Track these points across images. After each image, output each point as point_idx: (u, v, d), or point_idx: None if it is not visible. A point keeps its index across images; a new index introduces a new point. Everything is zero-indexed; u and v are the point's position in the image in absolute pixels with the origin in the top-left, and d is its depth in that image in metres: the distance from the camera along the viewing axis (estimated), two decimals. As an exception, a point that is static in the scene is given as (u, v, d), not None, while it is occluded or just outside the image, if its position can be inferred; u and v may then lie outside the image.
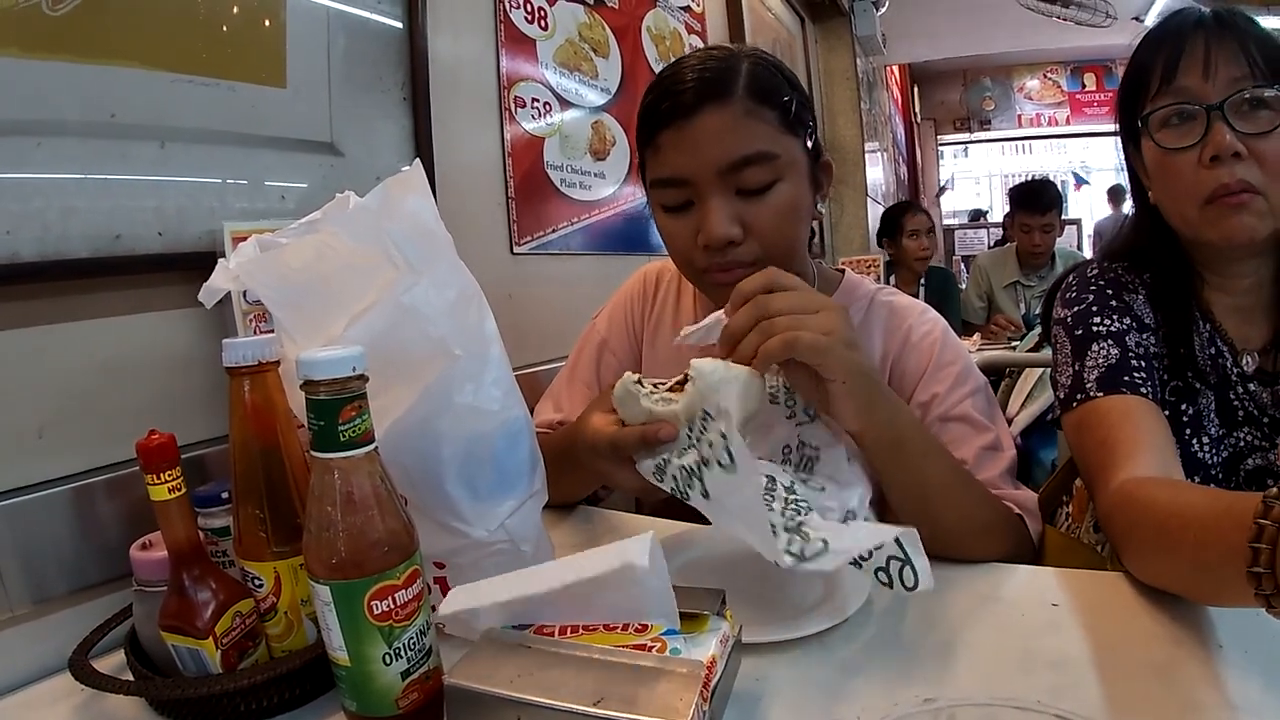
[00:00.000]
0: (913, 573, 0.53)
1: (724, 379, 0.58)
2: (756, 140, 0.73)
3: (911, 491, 0.69)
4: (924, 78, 8.27)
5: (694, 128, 0.73)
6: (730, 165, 0.73)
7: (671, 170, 0.76)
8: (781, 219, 0.76)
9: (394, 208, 0.55)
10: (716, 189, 0.74)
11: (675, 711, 0.41)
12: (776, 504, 0.58)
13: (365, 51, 1.02)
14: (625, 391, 0.62)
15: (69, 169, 0.70)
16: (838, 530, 0.54)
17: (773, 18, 3.03)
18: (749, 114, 0.73)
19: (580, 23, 1.57)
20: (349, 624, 0.46)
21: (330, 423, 0.44)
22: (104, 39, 0.72)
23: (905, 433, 0.67)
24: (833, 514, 0.59)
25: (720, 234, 0.73)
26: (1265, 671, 0.50)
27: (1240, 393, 0.78)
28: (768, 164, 0.74)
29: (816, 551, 0.52)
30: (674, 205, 0.78)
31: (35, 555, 0.65)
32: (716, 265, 0.76)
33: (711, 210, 0.74)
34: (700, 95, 0.73)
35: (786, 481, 0.60)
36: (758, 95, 0.74)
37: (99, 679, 0.54)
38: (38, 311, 0.68)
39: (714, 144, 0.73)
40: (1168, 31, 0.75)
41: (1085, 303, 0.82)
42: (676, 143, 0.75)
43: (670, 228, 0.80)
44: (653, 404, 0.60)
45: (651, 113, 0.77)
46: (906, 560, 0.53)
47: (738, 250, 0.75)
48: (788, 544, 0.53)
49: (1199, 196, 0.73)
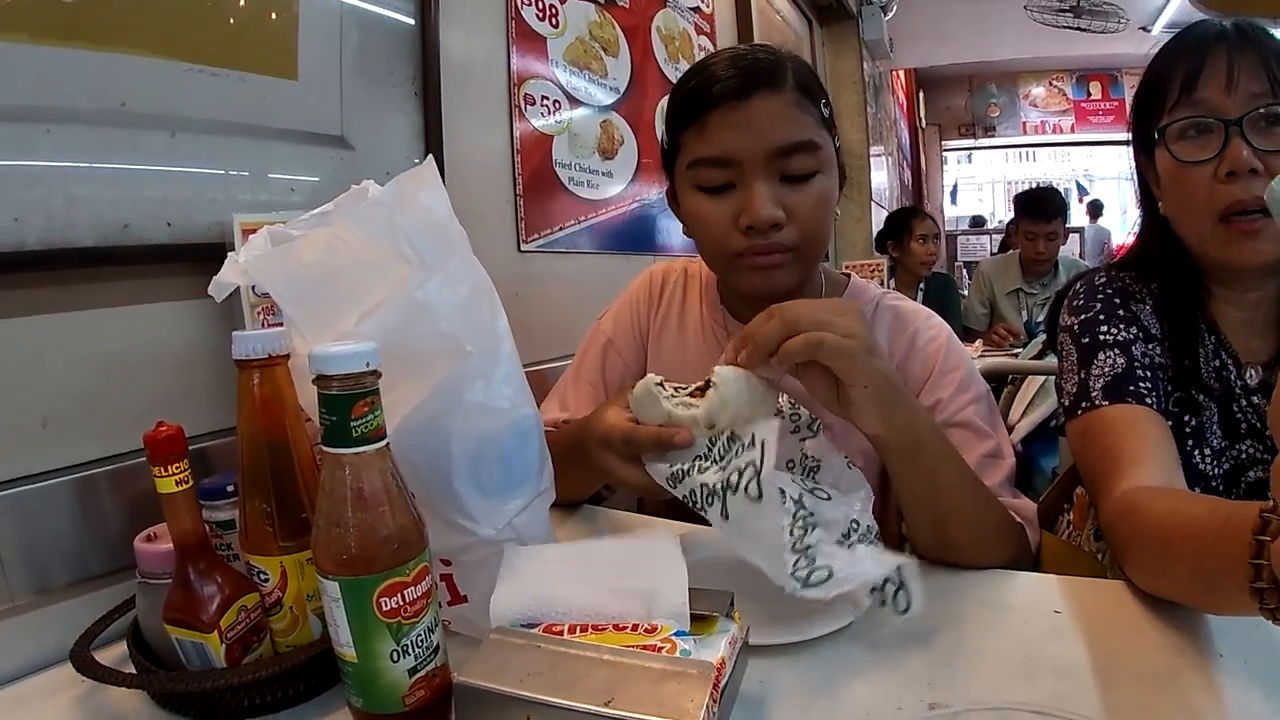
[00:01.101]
0: (906, 597, 0.54)
1: (745, 387, 0.60)
2: (806, 129, 0.76)
3: (925, 495, 0.68)
4: (930, 83, 8.28)
5: (748, 109, 0.75)
6: (782, 149, 0.75)
7: (721, 149, 0.77)
8: (819, 208, 0.78)
9: (407, 203, 0.55)
10: (763, 171, 0.76)
11: (686, 712, 0.41)
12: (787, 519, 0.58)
13: (377, 46, 1.02)
14: (646, 392, 0.62)
15: (78, 157, 0.70)
16: (845, 559, 0.55)
17: (781, 20, 3.03)
18: (799, 105, 0.76)
19: (591, 21, 1.56)
20: (357, 620, 0.46)
21: (342, 418, 0.44)
22: (116, 27, 0.71)
23: (924, 437, 0.66)
24: (837, 527, 0.60)
25: (767, 214, 0.75)
26: (1266, 681, 0.50)
27: (1244, 405, 0.78)
28: (812, 154, 0.77)
29: (821, 580, 0.53)
30: (714, 186, 0.79)
31: (37, 545, 0.64)
32: (757, 247, 0.78)
33: (758, 192, 0.76)
34: (756, 80, 0.75)
35: (795, 495, 0.60)
36: (805, 90, 0.77)
37: (101, 671, 0.54)
38: (44, 300, 0.68)
39: (768, 126, 0.75)
40: (1188, 42, 0.75)
41: (1093, 311, 0.82)
42: (729, 122, 0.76)
43: (706, 209, 0.80)
44: (673, 407, 0.61)
45: (700, 92, 0.78)
46: (902, 585, 0.54)
47: (779, 234, 0.77)
48: (793, 566, 0.54)
49: (1213, 211, 0.73)
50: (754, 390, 0.61)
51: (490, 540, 0.57)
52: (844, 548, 0.57)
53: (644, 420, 0.63)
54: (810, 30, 3.59)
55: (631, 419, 0.64)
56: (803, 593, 0.52)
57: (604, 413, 0.68)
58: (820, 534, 0.57)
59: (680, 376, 0.85)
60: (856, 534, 0.60)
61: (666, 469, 0.60)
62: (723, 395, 0.59)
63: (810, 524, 0.58)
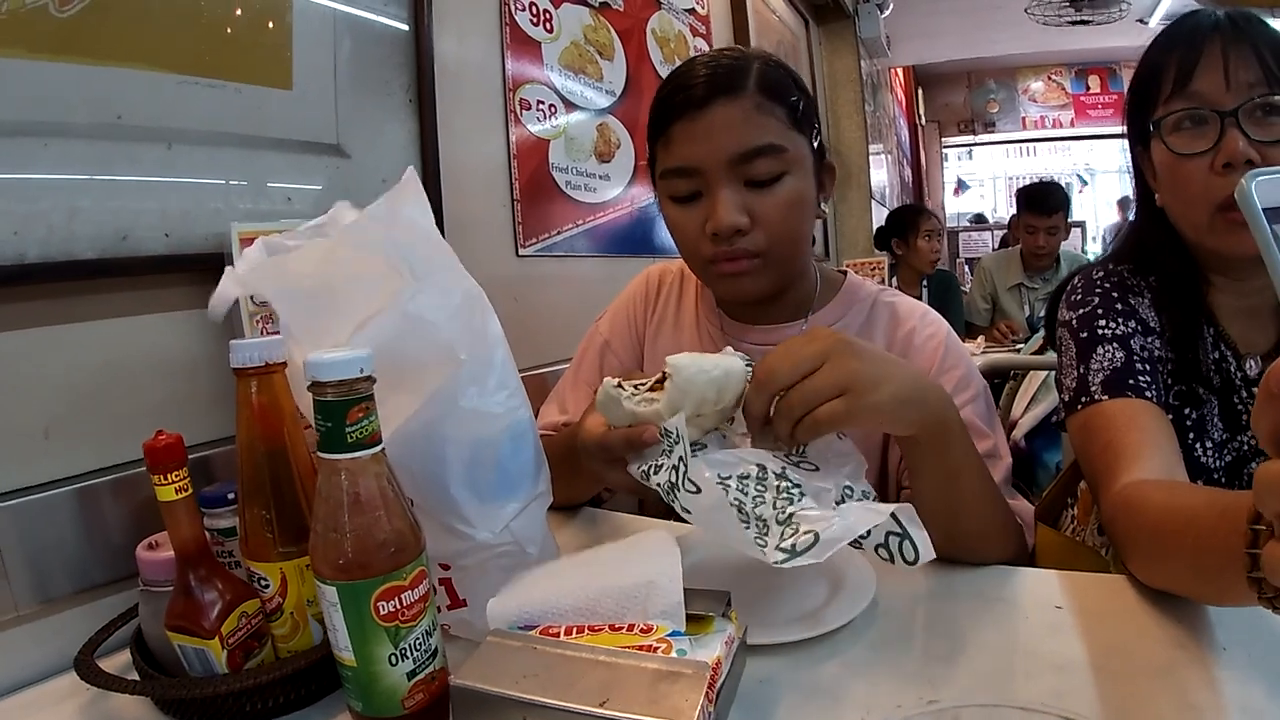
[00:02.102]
0: (912, 547, 0.53)
1: (702, 368, 0.58)
2: (766, 133, 0.76)
3: (944, 485, 0.67)
4: (928, 80, 8.26)
5: (706, 119, 0.75)
6: (740, 155, 0.75)
7: (682, 160, 0.78)
8: (787, 211, 0.78)
9: (395, 217, 0.55)
10: (726, 179, 0.76)
11: (681, 713, 0.41)
12: (769, 493, 0.57)
13: (371, 54, 1.02)
14: (607, 396, 0.61)
15: (76, 170, 0.70)
16: (828, 518, 0.53)
17: (777, 20, 3.03)
18: (759, 108, 0.76)
19: (585, 25, 1.57)
20: (355, 624, 0.46)
21: (338, 424, 0.45)
22: (111, 40, 0.72)
23: (951, 430, 0.65)
24: (828, 494, 0.58)
25: (729, 221, 0.75)
26: (1269, 675, 0.50)
27: (1244, 397, 0.78)
28: (776, 157, 0.76)
29: (807, 545, 0.51)
30: (683, 195, 0.80)
31: (41, 555, 0.65)
32: (723, 254, 0.78)
33: (720, 199, 0.76)
34: (713, 89, 0.75)
35: (778, 468, 0.59)
36: (768, 92, 0.76)
37: (105, 678, 0.54)
38: (44, 312, 0.68)
39: (725, 134, 0.75)
40: (1182, 33, 0.74)
41: (1091, 305, 0.81)
42: (689, 133, 0.77)
43: (678, 218, 0.81)
44: (635, 405, 0.60)
45: (664, 105, 0.79)
46: (905, 534, 0.53)
47: (744, 240, 0.77)
48: (780, 539, 0.53)
49: (1210, 203, 0.72)
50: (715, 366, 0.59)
51: (488, 544, 0.57)
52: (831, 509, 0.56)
53: (614, 424, 0.62)
54: (807, 29, 3.59)
55: (606, 424, 0.64)
56: (794, 562, 0.51)
57: (585, 420, 0.68)
58: (808, 502, 0.56)
59: None
60: (852, 499, 0.59)
61: (640, 468, 0.59)
62: (679, 385, 0.57)
63: (794, 494, 0.57)
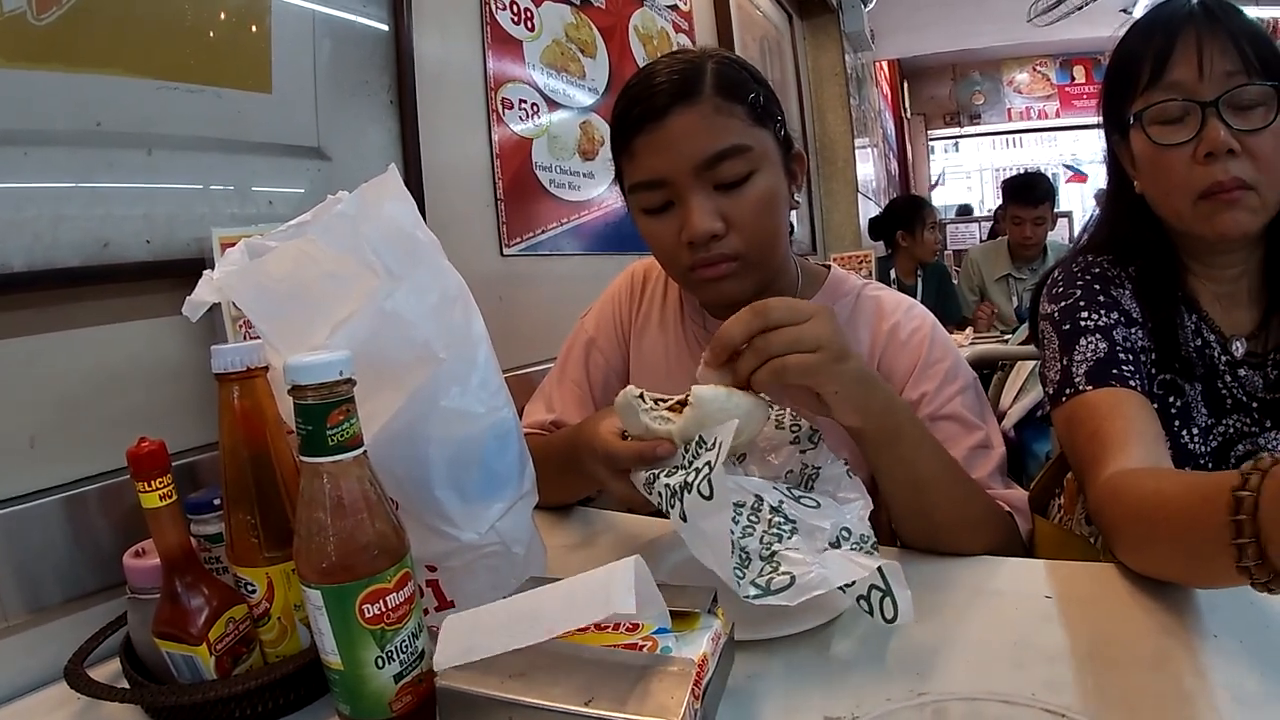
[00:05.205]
0: (893, 604, 0.54)
1: (724, 408, 0.59)
2: (729, 135, 0.75)
3: (906, 484, 0.69)
4: (913, 73, 8.28)
5: (667, 129, 0.75)
6: (706, 161, 0.75)
7: (649, 173, 0.77)
8: (760, 210, 0.77)
9: (370, 212, 0.55)
10: (695, 186, 0.75)
11: (667, 710, 0.41)
12: (759, 526, 0.59)
13: (351, 55, 1.02)
14: (625, 403, 0.62)
15: (57, 178, 0.70)
16: (808, 565, 0.55)
17: (760, 15, 3.03)
18: (719, 110, 0.75)
19: (567, 23, 1.57)
20: (341, 628, 0.46)
21: (318, 427, 0.45)
22: (89, 48, 0.72)
23: (902, 426, 0.67)
24: (823, 534, 0.59)
25: (704, 228, 0.75)
26: (1259, 661, 0.50)
27: (1228, 380, 0.79)
28: (742, 156, 0.75)
29: (781, 586, 0.53)
30: (655, 207, 0.79)
31: (29, 565, 0.65)
32: (701, 260, 0.77)
33: (693, 207, 0.75)
34: (670, 97, 0.75)
35: (774, 501, 0.61)
36: (725, 92, 0.75)
37: (95, 687, 0.54)
38: (27, 321, 0.68)
39: (688, 142, 0.75)
40: (1157, 22, 0.75)
41: (1073, 297, 0.82)
42: (651, 146, 0.76)
43: (653, 230, 0.81)
44: (650, 420, 0.61)
45: (624, 120, 0.78)
46: (887, 591, 0.54)
47: (721, 244, 0.77)
48: (757, 574, 0.55)
49: (1192, 192, 0.73)
50: (737, 406, 0.60)
51: (474, 545, 0.57)
52: (816, 555, 0.57)
53: (628, 429, 0.64)
54: (790, 24, 3.59)
55: (620, 432, 0.65)
56: (765, 600, 0.53)
57: (596, 425, 0.68)
58: (796, 540, 0.58)
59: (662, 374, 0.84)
60: (848, 543, 0.60)
61: (643, 475, 0.61)
62: (698, 416, 0.59)
63: (784, 531, 0.58)
